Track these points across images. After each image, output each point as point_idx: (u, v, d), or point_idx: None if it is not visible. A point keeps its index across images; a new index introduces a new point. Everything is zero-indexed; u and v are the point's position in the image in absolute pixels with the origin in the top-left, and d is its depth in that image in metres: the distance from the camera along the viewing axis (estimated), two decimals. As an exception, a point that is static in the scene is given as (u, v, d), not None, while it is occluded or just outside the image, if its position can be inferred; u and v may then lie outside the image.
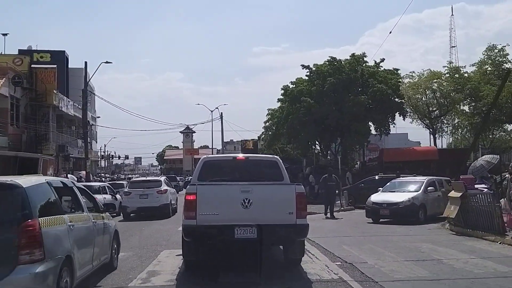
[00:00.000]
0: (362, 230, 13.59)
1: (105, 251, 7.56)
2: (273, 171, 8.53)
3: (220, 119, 53.28)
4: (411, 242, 10.74)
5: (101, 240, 7.29)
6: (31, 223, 5.05)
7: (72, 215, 6.39)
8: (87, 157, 33.50)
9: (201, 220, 7.08)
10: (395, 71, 32.49)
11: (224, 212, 7.17)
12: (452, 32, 76.91)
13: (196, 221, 7.08)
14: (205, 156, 9.82)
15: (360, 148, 31.81)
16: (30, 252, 4.91)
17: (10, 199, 5.24)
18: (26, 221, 5.02)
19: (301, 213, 7.26)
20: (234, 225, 7.08)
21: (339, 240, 11.41)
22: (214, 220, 7.13)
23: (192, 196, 7.17)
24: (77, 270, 5.95)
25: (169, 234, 13.19)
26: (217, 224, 7.11)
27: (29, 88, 32.01)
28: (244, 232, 7.10)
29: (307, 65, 32.39)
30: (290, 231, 7.21)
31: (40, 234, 5.06)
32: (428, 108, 34.08)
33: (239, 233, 7.09)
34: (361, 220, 16.17)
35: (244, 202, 7.11)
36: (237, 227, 7.08)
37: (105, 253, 7.55)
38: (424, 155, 29.64)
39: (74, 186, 7.23)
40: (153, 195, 18.65)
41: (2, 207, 5.29)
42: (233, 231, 7.07)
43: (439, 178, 17.39)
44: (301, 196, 7.33)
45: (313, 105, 30.15)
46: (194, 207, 7.09)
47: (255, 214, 7.09)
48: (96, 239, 7.01)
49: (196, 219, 7.08)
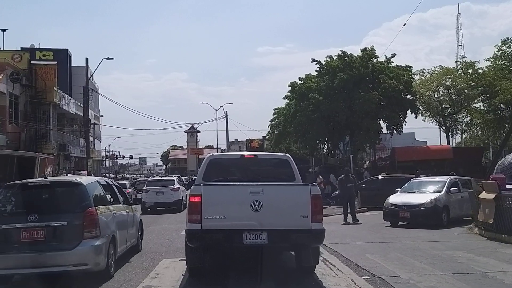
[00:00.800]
0: (382, 234, 12.41)
1: (134, 236, 9.53)
2: (284, 171, 7.96)
3: (225, 117, 52.24)
4: (442, 250, 9.54)
5: (131, 227, 9.26)
6: (91, 210, 7.06)
7: (113, 205, 8.34)
8: (89, 157, 32.51)
9: (207, 224, 6.49)
10: (407, 68, 31.16)
11: (232, 216, 6.58)
12: (458, 30, 75.66)
13: (201, 225, 6.49)
14: (211, 154, 9.07)
15: (371, 146, 30.52)
16: (91, 231, 6.90)
17: (75, 193, 7.26)
18: (87, 209, 7.03)
19: (316, 217, 6.65)
20: (243, 230, 6.49)
21: (359, 247, 10.24)
22: (221, 224, 6.54)
23: (196, 197, 6.57)
24: (118, 247, 8.01)
25: (171, 239, 12.12)
26: (224, 228, 6.54)
27: (29, 85, 31.05)
28: (254, 237, 6.50)
29: (318, 60, 31.20)
30: (305, 236, 6.62)
31: (97, 218, 7.05)
32: (441, 105, 32.82)
33: (248, 239, 6.49)
34: (378, 223, 14.99)
35: (254, 205, 6.52)
36: (246, 232, 6.49)
37: (134, 237, 9.52)
38: (438, 154, 28.37)
39: (113, 184, 9.21)
40: (168, 192, 21.44)
41: (70, 199, 7.26)
42: (241, 236, 6.48)
43: (461, 178, 16.17)
44: (316, 198, 6.70)
45: (322, 102, 28.96)
46: (199, 210, 6.50)
47: (266, 218, 6.52)
48: (128, 225, 8.98)
49: (201, 223, 6.49)
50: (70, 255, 6.66)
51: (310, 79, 32.16)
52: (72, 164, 40.34)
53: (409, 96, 29.76)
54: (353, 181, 16.83)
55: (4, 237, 6.71)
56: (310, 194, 6.64)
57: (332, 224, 15.14)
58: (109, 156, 78.59)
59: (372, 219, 16.70)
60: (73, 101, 37.29)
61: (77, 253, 6.70)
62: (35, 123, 30.96)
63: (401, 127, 29.36)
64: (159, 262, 8.71)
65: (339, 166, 31.40)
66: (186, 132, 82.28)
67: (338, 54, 30.73)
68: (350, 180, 16.55)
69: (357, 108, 28.07)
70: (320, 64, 31.24)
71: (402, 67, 31.11)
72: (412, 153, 28.91)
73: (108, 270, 7.29)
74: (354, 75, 29.12)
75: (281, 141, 40.36)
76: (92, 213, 7.01)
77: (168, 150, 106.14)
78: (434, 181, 15.83)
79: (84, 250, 6.75)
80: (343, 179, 16.65)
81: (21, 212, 6.95)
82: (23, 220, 6.72)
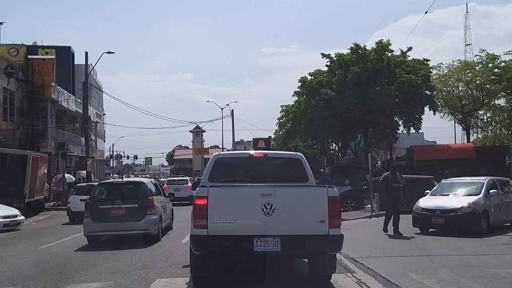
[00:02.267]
0: (416, 245, 10.62)
1: (169, 217, 13.70)
2: (296, 171, 7.58)
3: (231, 116, 50.61)
4: (502, 268, 7.75)
5: (168, 211, 13.52)
6: (150, 198, 11.79)
7: (159, 197, 13.13)
8: (88, 156, 30.86)
9: (213, 230, 6.01)
10: (424, 61, 29.21)
11: (241, 220, 6.11)
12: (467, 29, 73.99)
13: (207, 230, 6.00)
14: (217, 153, 8.52)
15: (387, 145, 28.63)
16: (150, 210, 11.43)
17: (141, 188, 12.25)
18: (148, 197, 11.77)
19: (334, 222, 6.14)
20: (253, 236, 6.01)
21: (397, 262, 8.45)
22: (229, 230, 6.06)
23: (202, 200, 6.07)
24: (163, 222, 12.44)
25: (170, 250, 10.43)
26: (233, 234, 6.05)
27: (25, 80, 29.49)
28: (265, 244, 6.01)
29: (328, 53, 29.44)
30: (322, 243, 6.13)
31: (154, 203, 11.70)
32: (460, 102, 30.91)
33: (259, 245, 6.01)
34: (405, 230, 13.20)
35: (265, 208, 6.02)
36: (256, 238, 6.00)
37: (169, 219, 13.68)
38: (459, 153, 26.48)
39: (158, 183, 14.89)
40: (183, 189, 26.29)
41: (138, 191, 12.09)
42: (251, 242, 5.99)
43: (499, 179, 14.32)
44: (334, 201, 6.20)
45: (334, 98, 27.18)
46: (205, 214, 6.00)
47: (278, 223, 6.02)
48: (167, 210, 13.35)
49: (207, 228, 6.00)
50: (139, 224, 11.31)
51: (321, 74, 30.40)
52: (72, 163, 38.83)
53: (428, 92, 27.83)
54: (402, 181, 12.84)
55: (101, 213, 11.39)
56: (328, 196, 6.11)
57: (353, 230, 13.39)
58: (113, 156, 77.16)
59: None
60: (73, 98, 35.68)
61: (143, 223, 11.31)
62: (32, 120, 29.41)
63: (419, 124, 27.43)
64: (151, 284, 6.98)
65: (353, 166, 29.58)
66: (191, 131, 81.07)
67: (350, 47, 28.93)
68: (397, 179, 12.75)
69: (373, 104, 26.25)
70: (331, 58, 29.45)
71: (419, 60, 29.23)
72: (431, 152, 27.06)
73: (158, 235, 11.78)
74: (369, 69, 27.34)
75: (289, 140, 38.59)
76: (151, 199, 11.76)
77: (173, 150, 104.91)
78: (469, 182, 13.98)
79: (146, 221, 11.35)
80: (388, 177, 12.84)
81: (110, 198, 11.77)
82: (112, 203, 11.52)
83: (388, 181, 12.78)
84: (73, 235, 13.84)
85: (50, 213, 23.25)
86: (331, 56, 29.20)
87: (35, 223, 18.94)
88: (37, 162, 21.62)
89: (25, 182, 20.09)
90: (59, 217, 22.12)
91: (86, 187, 19.88)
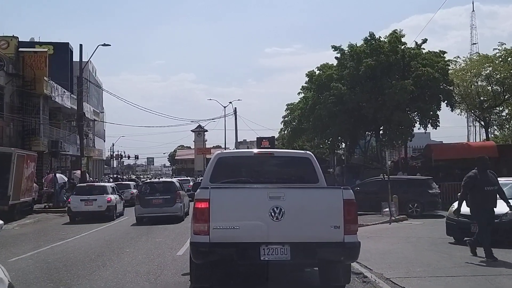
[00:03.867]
0: (460, 259, 8.74)
1: (187, 205, 18.19)
2: (305, 171, 7.13)
3: (233, 114, 48.85)
4: None
5: (187, 201, 18.24)
6: (179, 192, 17.94)
7: (182, 191, 18.51)
8: (82, 155, 29.14)
9: (216, 236, 5.53)
10: (441, 54, 27.22)
11: (247, 226, 5.61)
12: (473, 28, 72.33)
13: (209, 237, 5.51)
14: (220, 151, 8.01)
15: (402, 143, 26.68)
16: (179, 199, 17.54)
17: (172, 185, 18.73)
18: (177, 191, 17.87)
19: (350, 228, 5.65)
20: (260, 243, 5.54)
21: (447, 285, 6.63)
22: (233, 236, 5.57)
23: (203, 203, 5.58)
24: (184, 208, 18.09)
25: (162, 264, 8.66)
26: (238, 241, 5.56)
27: (16, 74, 27.77)
28: (274, 252, 5.54)
29: (339, 45, 27.54)
30: (336, 251, 5.64)
31: (181, 195, 17.77)
32: (479, 97, 28.97)
33: (266, 254, 5.54)
34: (436, 238, 11.44)
35: (273, 212, 5.53)
36: (263, 246, 5.54)
37: (187, 207, 18.17)
38: (481, 151, 24.30)
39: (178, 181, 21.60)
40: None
41: (170, 188, 18.33)
42: (258, 250, 5.53)
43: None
44: (350, 204, 5.70)
45: (345, 93, 25.29)
46: (207, 219, 5.52)
47: (288, 229, 5.55)
48: (186, 200, 18.36)
49: (209, 235, 5.51)
50: (171, 209, 17.01)
51: (330, 68, 28.52)
52: (68, 163, 37.13)
53: (446, 86, 25.86)
54: (496, 181, 9.00)
55: (146, 202, 17.12)
56: (343, 199, 5.66)
57: (376, 239, 11.61)
58: (113, 156, 75.61)
59: (422, 232, 13.23)
60: (68, 94, 33.94)
61: (174, 208, 17.07)
62: (23, 117, 27.69)
63: (437, 121, 25.45)
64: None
65: (365, 166, 27.70)
66: (193, 131, 79.53)
67: (364, 38, 27.02)
68: (490, 179, 8.86)
69: (387, 99, 24.33)
70: (342, 50, 27.55)
71: (436, 53, 27.21)
72: (450, 151, 25.10)
73: (183, 216, 17.32)
74: (382, 61, 25.38)
75: (295, 139, 36.73)
76: (178, 193, 17.63)
77: (175, 150, 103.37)
78: (509, 183, 12.09)
79: (176, 207, 17.15)
80: (476, 177, 8.84)
81: (152, 192, 17.68)
82: (153, 195, 17.41)
83: (476, 182, 8.86)
84: (54, 243, 12.10)
85: (39, 216, 21.55)
86: (342, 48, 27.30)
87: (19, 228, 17.16)
88: (23, 160, 19.85)
89: (9, 183, 18.34)
90: (48, 220, 20.43)
91: (87, 187, 20.76)
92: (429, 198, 17.87)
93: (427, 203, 17.67)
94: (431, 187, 18.67)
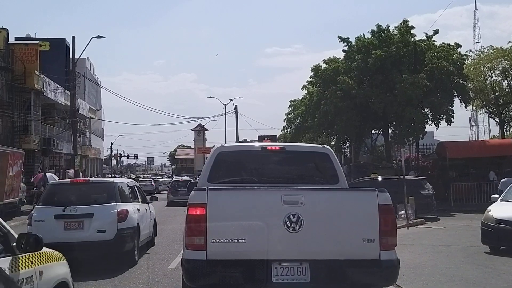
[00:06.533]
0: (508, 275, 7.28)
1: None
2: (323, 169, 6.00)
3: (234, 112, 47.53)
4: None
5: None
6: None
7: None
8: (76, 153, 27.67)
9: (215, 252, 4.36)
10: (455, 46, 25.62)
11: (255, 238, 4.40)
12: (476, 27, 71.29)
13: (206, 253, 4.35)
14: (220, 146, 6.60)
15: (414, 141, 25.18)
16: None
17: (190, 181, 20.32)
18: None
19: (387, 241, 4.45)
20: (272, 261, 4.38)
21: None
22: (238, 252, 4.38)
23: (199, 208, 4.38)
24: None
25: (151, 280, 7.17)
26: (243, 258, 4.37)
27: (5, 67, 26.28)
28: (289, 272, 4.40)
29: (346, 37, 26.03)
30: (370, 272, 4.46)
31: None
32: (495, 93, 27.46)
33: (280, 274, 4.40)
34: (468, 247, 10.03)
35: (289, 221, 4.37)
36: (276, 264, 4.40)
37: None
38: (498, 150, 23.04)
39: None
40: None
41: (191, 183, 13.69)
42: (269, 270, 4.37)
43: None
44: (388, 212, 4.51)
45: (353, 87, 23.79)
46: (203, 229, 4.34)
47: (307, 242, 4.41)
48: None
49: (206, 250, 4.35)
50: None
51: (336, 61, 27.02)
52: (62, 161, 35.64)
53: (460, 80, 24.31)
54: None
55: (176, 192, 25.61)
56: (378, 204, 4.47)
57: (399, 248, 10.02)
58: (111, 155, 74.33)
59: (447, 237, 11.86)
60: (61, 90, 32.40)
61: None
62: (13, 112, 26.22)
63: (451, 117, 23.92)
64: None
65: (374, 165, 26.19)
66: (193, 130, 78.15)
67: (371, 30, 25.53)
68: None
69: (398, 94, 22.83)
70: (349, 42, 26.04)
71: (449, 45, 25.67)
72: (465, 149, 23.57)
73: None
74: (393, 53, 23.92)
75: (298, 138, 35.26)
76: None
77: (175, 150, 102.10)
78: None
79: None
80: None
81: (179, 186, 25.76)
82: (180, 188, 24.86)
83: None
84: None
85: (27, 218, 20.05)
86: (349, 40, 25.79)
87: (0, 232, 15.67)
88: (8, 158, 18.34)
89: (-9, 182, 16.86)
90: (35, 223, 18.96)
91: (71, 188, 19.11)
92: (422, 200, 16.08)
93: (420, 205, 15.72)
94: (424, 188, 17.04)
